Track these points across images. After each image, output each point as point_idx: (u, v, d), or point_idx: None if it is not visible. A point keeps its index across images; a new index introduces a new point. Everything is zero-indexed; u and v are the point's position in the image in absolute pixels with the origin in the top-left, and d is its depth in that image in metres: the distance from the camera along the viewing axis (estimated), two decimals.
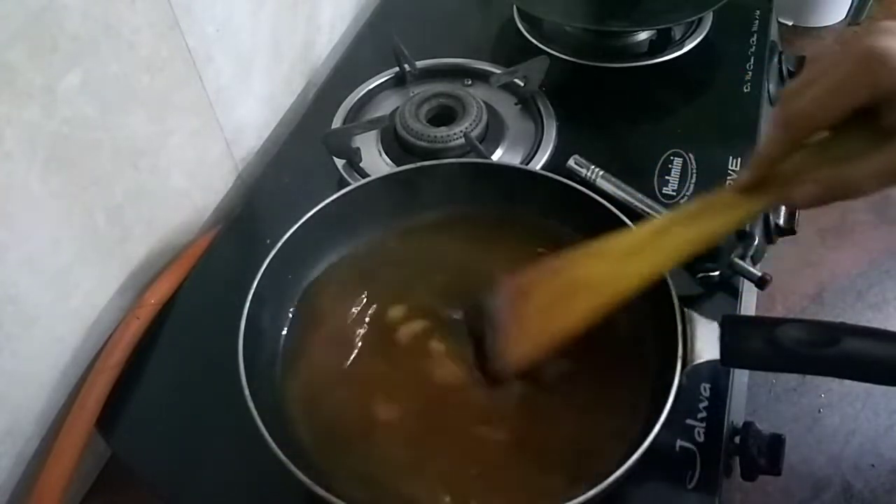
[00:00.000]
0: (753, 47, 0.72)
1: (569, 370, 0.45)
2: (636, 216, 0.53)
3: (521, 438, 0.43)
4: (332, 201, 0.49)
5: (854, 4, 1.06)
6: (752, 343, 0.40)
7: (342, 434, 0.43)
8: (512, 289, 0.43)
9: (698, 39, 0.71)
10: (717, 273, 0.51)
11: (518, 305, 0.43)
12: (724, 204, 0.39)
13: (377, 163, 0.62)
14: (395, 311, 0.49)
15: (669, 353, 0.41)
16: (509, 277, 0.44)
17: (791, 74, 0.74)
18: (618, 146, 0.63)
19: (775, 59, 0.73)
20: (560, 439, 0.43)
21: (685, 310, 0.42)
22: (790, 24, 1.07)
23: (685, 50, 0.70)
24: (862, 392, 0.67)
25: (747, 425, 0.45)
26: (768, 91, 0.70)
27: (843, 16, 1.07)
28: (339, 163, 0.61)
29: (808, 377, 0.67)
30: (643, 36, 0.73)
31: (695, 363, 0.40)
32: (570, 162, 0.58)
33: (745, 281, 0.51)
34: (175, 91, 0.54)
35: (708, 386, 0.46)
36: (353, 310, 0.49)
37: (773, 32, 0.76)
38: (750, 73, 0.69)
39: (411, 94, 0.66)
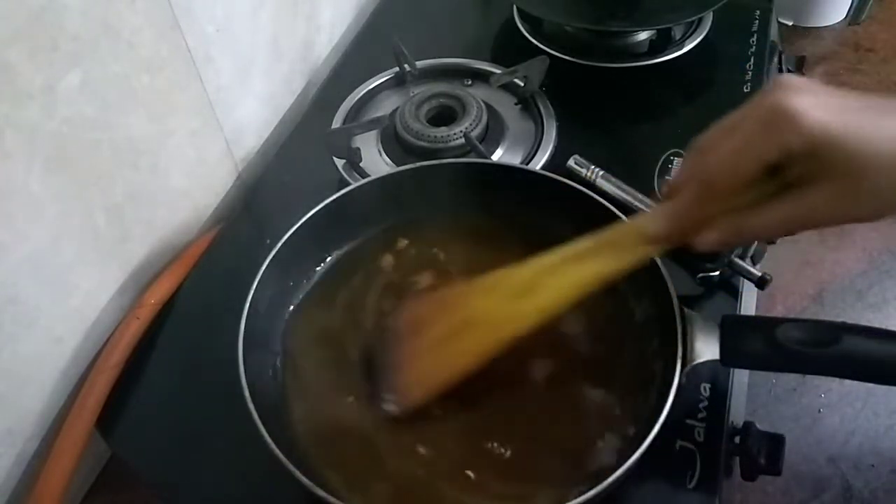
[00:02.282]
0: (753, 47, 0.72)
1: (569, 370, 0.45)
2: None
3: (520, 439, 0.43)
4: (332, 201, 0.49)
5: (854, 4, 1.06)
6: (752, 343, 0.40)
7: (342, 433, 0.43)
8: (404, 323, 0.44)
9: (698, 39, 0.71)
10: (717, 273, 0.51)
11: (410, 341, 0.43)
12: (625, 243, 0.39)
13: (377, 163, 0.62)
14: (396, 311, 0.49)
15: (669, 353, 0.41)
16: (404, 310, 0.44)
17: (791, 74, 0.74)
18: (618, 146, 0.63)
19: (775, 59, 0.73)
20: (560, 439, 0.43)
21: (685, 310, 0.42)
22: (790, 24, 1.07)
23: (685, 50, 0.70)
24: (862, 392, 0.67)
25: (747, 425, 0.45)
26: None
27: (843, 16, 1.07)
28: (339, 163, 0.61)
29: (808, 377, 0.68)
30: (643, 36, 0.73)
31: (695, 363, 0.40)
32: (570, 162, 0.58)
33: (745, 281, 0.51)
34: (175, 91, 0.54)
35: (708, 386, 0.46)
36: (354, 310, 0.49)
37: (773, 32, 0.76)
38: (750, 73, 0.69)
39: (411, 94, 0.66)
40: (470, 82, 0.69)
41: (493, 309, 0.42)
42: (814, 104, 0.31)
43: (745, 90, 0.67)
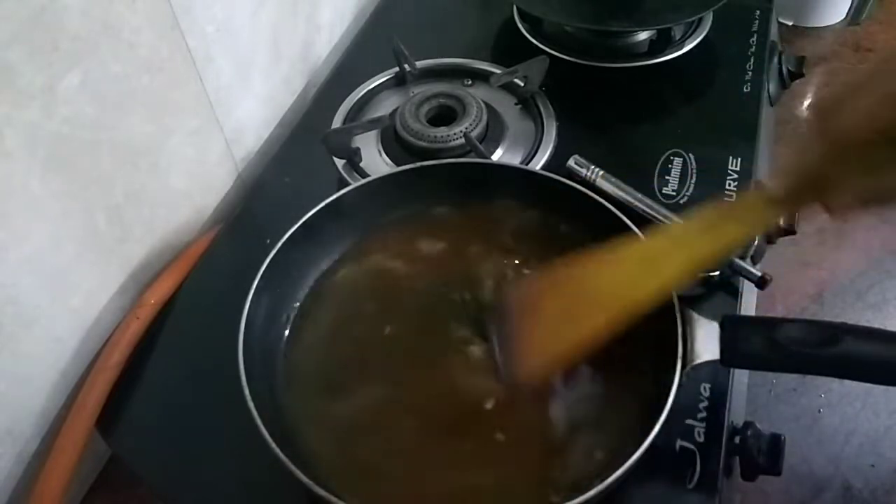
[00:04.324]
0: (753, 47, 0.72)
1: (568, 370, 0.45)
2: (636, 216, 0.53)
3: (520, 439, 0.43)
4: (332, 201, 0.49)
5: (854, 4, 1.06)
6: (752, 343, 0.40)
7: (342, 433, 0.43)
8: (522, 298, 0.42)
9: (698, 39, 0.71)
10: (717, 273, 0.51)
11: (528, 316, 0.41)
12: (749, 210, 0.38)
13: (377, 163, 0.62)
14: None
15: (669, 353, 0.41)
16: (520, 285, 0.43)
17: (791, 74, 0.74)
18: (618, 146, 0.63)
19: (775, 59, 0.73)
20: (560, 439, 0.43)
21: (685, 310, 0.42)
22: (790, 24, 1.07)
23: (685, 50, 0.70)
24: (862, 392, 0.67)
25: (747, 425, 0.45)
26: (768, 91, 0.70)
27: (843, 16, 1.07)
28: (339, 163, 0.61)
29: (808, 377, 0.67)
30: (643, 36, 0.73)
31: (695, 363, 0.40)
32: (570, 162, 0.58)
33: (745, 281, 0.51)
34: (175, 91, 0.54)
35: (708, 386, 0.46)
36: (354, 310, 0.49)
37: (773, 32, 0.76)
38: (750, 73, 0.69)
39: (411, 94, 0.66)
40: (470, 82, 0.69)
41: (616, 280, 0.40)
42: None
43: (745, 90, 0.67)
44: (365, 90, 0.68)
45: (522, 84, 0.66)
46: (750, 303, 0.57)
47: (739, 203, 0.38)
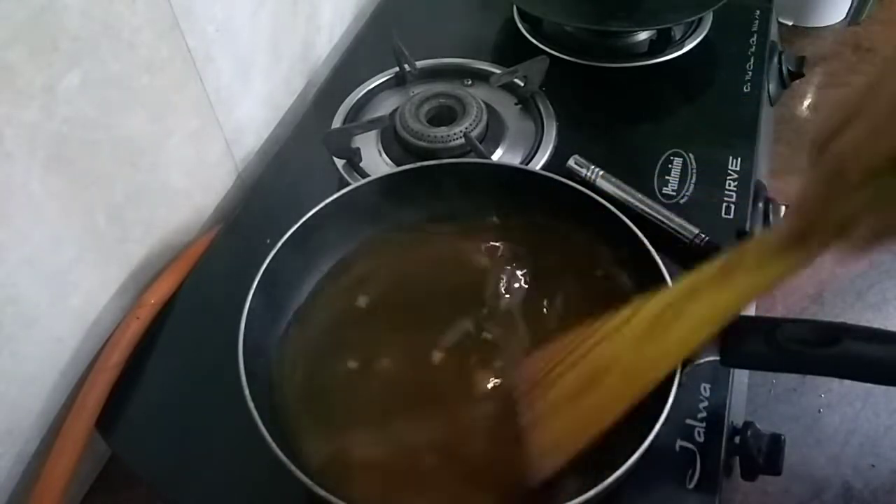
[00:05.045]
0: (753, 47, 0.72)
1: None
2: (636, 216, 0.53)
3: (520, 439, 0.43)
4: (332, 201, 0.49)
5: (854, 4, 1.06)
6: (752, 343, 0.40)
7: (342, 433, 0.43)
8: (525, 382, 0.40)
9: (698, 39, 0.71)
10: None
11: (537, 401, 0.39)
12: (762, 257, 0.35)
13: (377, 163, 0.62)
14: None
15: None
16: (526, 366, 0.41)
17: (791, 74, 0.74)
18: (618, 146, 0.63)
19: (775, 59, 0.73)
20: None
21: None
22: (790, 24, 1.07)
23: (685, 50, 0.70)
24: (862, 392, 0.67)
25: (747, 425, 0.45)
26: (768, 91, 0.70)
27: (843, 16, 1.07)
28: (339, 163, 0.61)
29: (808, 377, 0.67)
30: (643, 36, 0.73)
31: (695, 363, 0.40)
32: (570, 162, 0.58)
33: None
34: (175, 91, 0.54)
35: (708, 386, 0.46)
36: (354, 310, 0.49)
37: (773, 32, 0.76)
38: (750, 73, 0.69)
39: (411, 94, 0.66)
40: (470, 82, 0.69)
41: (627, 351, 0.38)
42: None
43: (745, 90, 0.67)
44: (365, 90, 0.68)
45: (522, 84, 0.66)
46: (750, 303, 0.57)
47: (750, 251, 0.35)
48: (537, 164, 0.60)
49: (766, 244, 0.35)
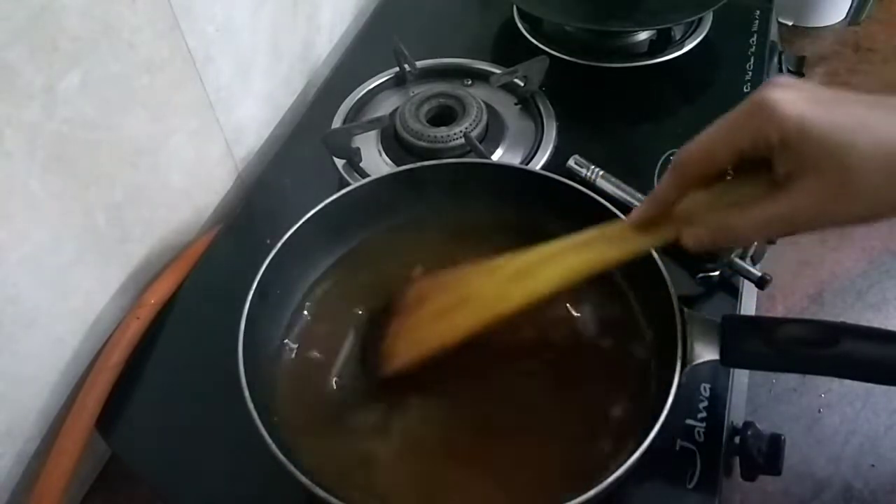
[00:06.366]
0: (753, 47, 0.72)
1: (569, 370, 0.45)
2: None
3: (520, 439, 0.43)
4: (333, 201, 0.49)
5: (854, 4, 1.06)
6: (752, 343, 0.40)
7: (342, 433, 0.43)
8: (413, 292, 0.46)
9: (698, 39, 0.71)
10: (717, 273, 0.51)
11: (412, 309, 0.45)
12: (616, 236, 0.40)
13: (377, 163, 0.62)
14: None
15: (669, 353, 0.41)
16: (416, 280, 0.46)
17: (791, 74, 0.74)
18: (618, 146, 0.63)
19: (775, 59, 0.73)
20: (560, 439, 0.43)
21: (685, 310, 0.42)
22: (790, 24, 1.07)
23: (685, 50, 0.70)
24: (862, 392, 0.67)
25: (747, 425, 0.45)
26: None
27: (843, 16, 1.07)
28: (339, 163, 0.61)
29: (808, 377, 0.67)
30: (643, 36, 0.73)
31: (695, 363, 0.40)
32: (570, 162, 0.58)
33: (745, 281, 0.51)
34: (175, 91, 0.54)
35: (708, 386, 0.46)
36: (354, 310, 0.49)
37: (773, 32, 0.76)
38: (750, 73, 0.69)
39: (411, 94, 0.66)
40: (470, 82, 0.69)
41: (488, 288, 0.43)
42: (794, 98, 0.31)
43: (745, 90, 0.67)
44: (365, 90, 0.68)
45: (522, 84, 0.66)
46: (750, 303, 0.57)
47: (609, 229, 0.40)
48: (537, 164, 0.60)
49: (624, 224, 0.40)
